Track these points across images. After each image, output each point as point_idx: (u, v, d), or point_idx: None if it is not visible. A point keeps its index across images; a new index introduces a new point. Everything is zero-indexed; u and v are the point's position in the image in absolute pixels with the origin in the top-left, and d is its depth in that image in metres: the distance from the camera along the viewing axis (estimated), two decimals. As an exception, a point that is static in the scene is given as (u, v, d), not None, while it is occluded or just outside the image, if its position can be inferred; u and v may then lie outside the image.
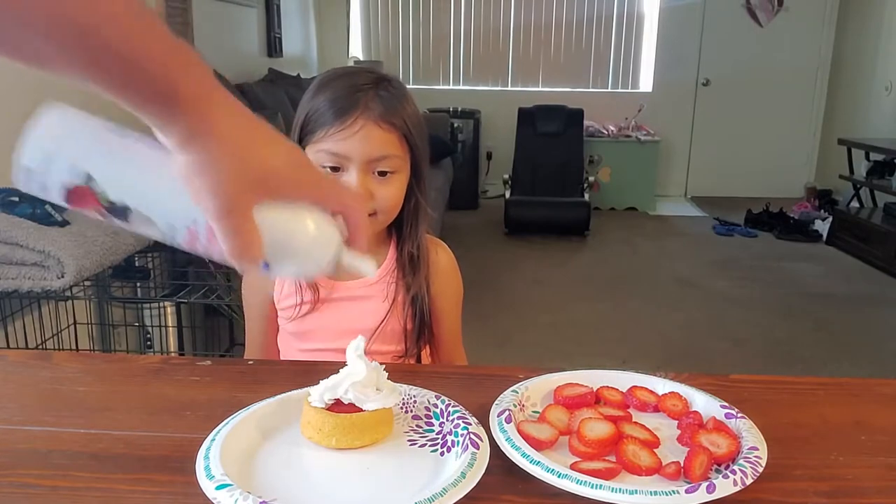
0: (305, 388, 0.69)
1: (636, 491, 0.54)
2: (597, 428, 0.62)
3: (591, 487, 0.54)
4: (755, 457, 0.58)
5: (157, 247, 2.18)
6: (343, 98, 0.96)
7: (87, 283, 1.95)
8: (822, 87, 5.89)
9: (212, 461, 0.58)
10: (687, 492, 0.54)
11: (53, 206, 1.88)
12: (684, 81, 5.93)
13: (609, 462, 0.59)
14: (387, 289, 1.03)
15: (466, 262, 1.28)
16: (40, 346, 1.99)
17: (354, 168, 0.95)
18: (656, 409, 0.69)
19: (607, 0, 5.81)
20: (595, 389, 0.71)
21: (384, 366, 0.68)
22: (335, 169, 0.96)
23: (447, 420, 0.67)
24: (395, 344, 1.04)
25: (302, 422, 0.66)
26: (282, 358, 1.09)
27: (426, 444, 0.65)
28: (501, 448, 0.60)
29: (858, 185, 4.78)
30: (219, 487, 0.55)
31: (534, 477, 0.56)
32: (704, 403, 0.68)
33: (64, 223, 1.84)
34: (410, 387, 0.72)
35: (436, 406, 0.69)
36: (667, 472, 0.58)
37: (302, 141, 0.99)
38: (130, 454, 0.64)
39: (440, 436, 0.66)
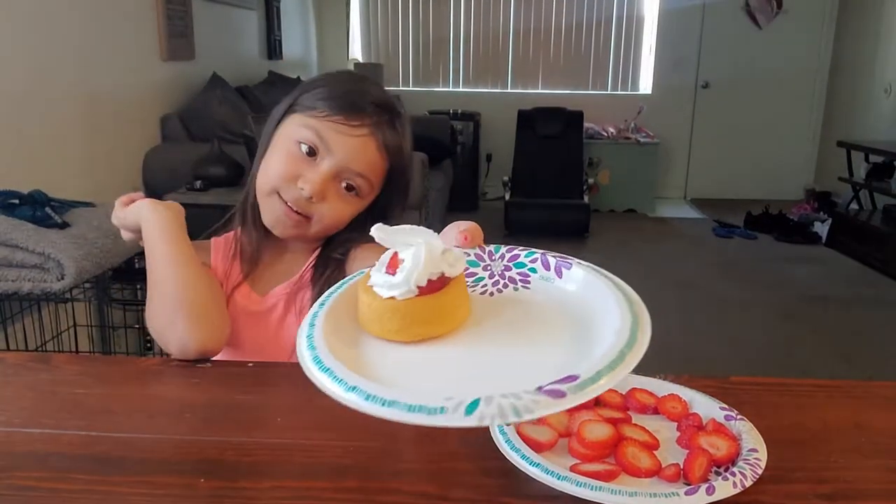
0: (348, 282, 0.60)
1: (636, 493, 0.54)
2: (596, 430, 0.62)
3: (591, 489, 0.54)
4: (755, 459, 0.58)
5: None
6: (359, 99, 0.91)
7: (86, 285, 1.95)
8: (822, 89, 5.90)
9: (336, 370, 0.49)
10: (686, 494, 0.54)
11: (54, 208, 1.88)
12: (684, 83, 5.93)
13: (608, 464, 0.59)
14: (301, 297, 0.96)
15: (466, 264, 1.28)
16: (40, 349, 1.99)
17: (329, 165, 0.89)
18: (656, 411, 0.69)
19: (607, 2, 5.82)
20: (595, 391, 0.71)
21: None
22: (311, 153, 0.89)
23: (492, 260, 0.62)
24: None
25: (393, 325, 0.55)
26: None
27: (493, 291, 0.61)
28: (501, 450, 0.60)
29: (858, 187, 4.78)
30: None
31: (533, 479, 0.56)
32: (704, 405, 0.68)
33: (64, 225, 1.84)
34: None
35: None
36: (666, 475, 0.58)
37: (295, 105, 0.92)
38: (130, 456, 0.64)
39: (496, 277, 0.62)
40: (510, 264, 0.62)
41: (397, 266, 0.56)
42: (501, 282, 0.62)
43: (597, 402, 0.70)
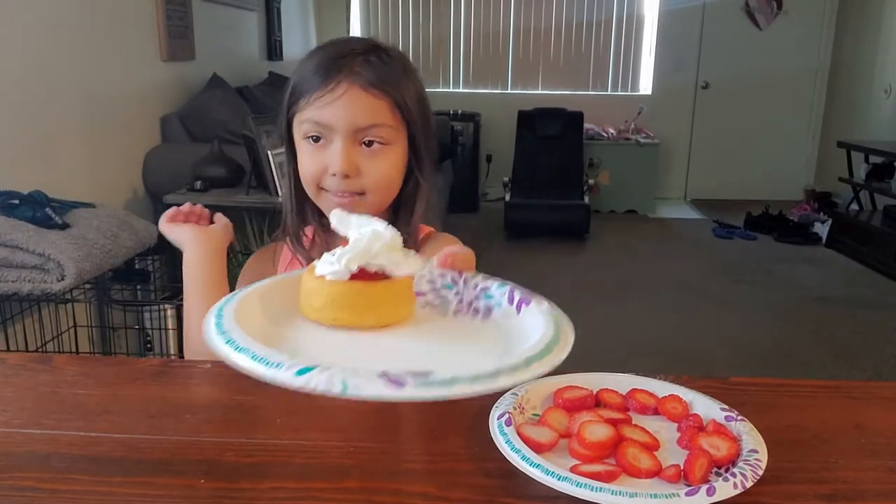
0: (297, 271, 0.61)
1: (636, 494, 0.54)
2: (597, 431, 0.62)
3: (591, 490, 0.54)
4: (755, 460, 0.58)
5: (157, 250, 2.19)
6: (329, 62, 0.89)
7: (87, 285, 1.95)
8: (822, 90, 5.90)
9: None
10: (687, 495, 0.54)
11: (54, 208, 1.88)
12: (684, 84, 5.93)
13: (609, 465, 0.59)
14: None
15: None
16: (40, 349, 1.99)
17: (339, 138, 0.88)
18: (656, 412, 0.69)
19: (607, 3, 5.82)
20: (595, 392, 0.71)
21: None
22: (318, 139, 0.89)
23: (464, 287, 0.63)
24: None
25: (315, 303, 0.56)
26: None
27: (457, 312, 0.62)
28: (501, 451, 0.60)
29: (858, 188, 4.78)
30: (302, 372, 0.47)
31: (533, 480, 0.56)
32: (704, 406, 0.68)
33: (64, 226, 1.84)
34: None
35: (440, 279, 0.63)
36: (667, 475, 0.58)
37: (290, 113, 0.93)
38: (130, 457, 0.64)
39: (464, 304, 0.62)
40: (480, 293, 0.63)
41: None
42: (466, 309, 0.63)
43: (597, 403, 0.70)
